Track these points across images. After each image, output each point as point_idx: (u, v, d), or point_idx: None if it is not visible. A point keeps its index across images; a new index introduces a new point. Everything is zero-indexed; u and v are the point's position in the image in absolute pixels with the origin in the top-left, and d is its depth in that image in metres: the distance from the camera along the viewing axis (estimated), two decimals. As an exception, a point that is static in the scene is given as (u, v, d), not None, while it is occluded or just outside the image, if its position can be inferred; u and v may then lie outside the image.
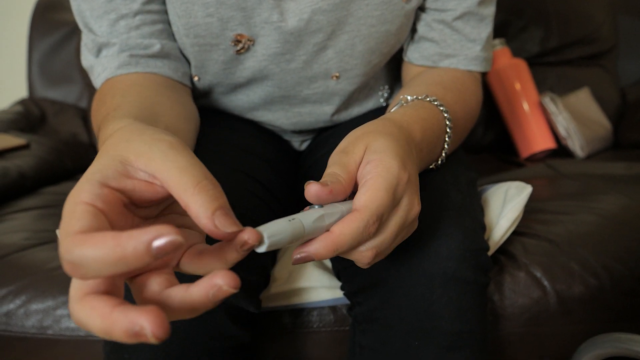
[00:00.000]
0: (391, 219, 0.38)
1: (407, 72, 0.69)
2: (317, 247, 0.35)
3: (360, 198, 0.37)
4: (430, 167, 0.55)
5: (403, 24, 0.63)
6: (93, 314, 0.26)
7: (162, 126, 0.42)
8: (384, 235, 0.38)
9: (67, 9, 1.42)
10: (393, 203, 0.38)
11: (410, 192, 0.39)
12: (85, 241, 0.26)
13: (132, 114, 0.43)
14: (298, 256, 0.35)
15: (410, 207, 0.39)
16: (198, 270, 0.32)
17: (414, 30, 0.67)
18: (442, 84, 0.59)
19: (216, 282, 0.28)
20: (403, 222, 0.39)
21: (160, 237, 0.25)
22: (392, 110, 0.52)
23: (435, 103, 0.52)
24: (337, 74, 0.65)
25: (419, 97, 0.53)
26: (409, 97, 0.53)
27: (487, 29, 0.64)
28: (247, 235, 0.30)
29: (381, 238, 0.38)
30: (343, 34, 0.61)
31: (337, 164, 0.39)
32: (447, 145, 0.54)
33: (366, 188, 0.37)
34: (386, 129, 0.43)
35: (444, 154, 0.55)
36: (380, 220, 0.37)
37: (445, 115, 0.53)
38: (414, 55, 0.67)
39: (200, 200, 0.29)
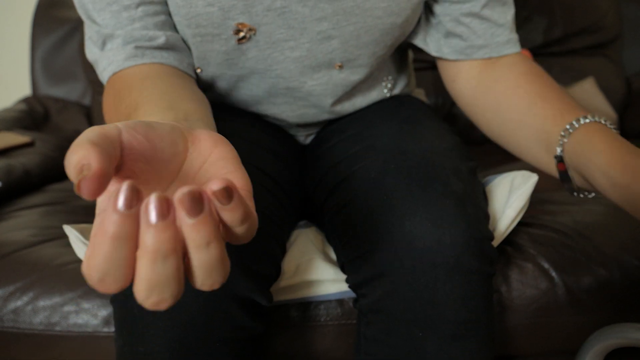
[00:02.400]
0: None
1: (445, 68, 0.70)
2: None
3: None
4: None
5: (409, 17, 0.62)
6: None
7: (181, 115, 0.41)
8: None
9: (70, 6, 1.42)
10: None
11: None
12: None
13: (153, 112, 0.42)
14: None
15: None
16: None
17: (439, 27, 0.67)
18: (556, 95, 0.60)
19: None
20: None
21: None
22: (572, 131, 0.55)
23: (596, 120, 0.54)
24: (340, 64, 0.64)
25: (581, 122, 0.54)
26: (575, 124, 0.54)
27: (510, 10, 0.65)
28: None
29: None
30: (349, 25, 0.60)
31: None
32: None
33: None
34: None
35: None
36: None
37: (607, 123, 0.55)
38: (444, 49, 0.67)
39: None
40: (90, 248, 0.25)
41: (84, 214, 0.89)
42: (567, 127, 0.54)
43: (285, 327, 0.68)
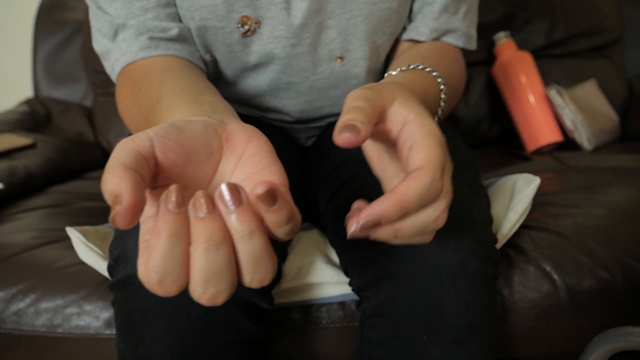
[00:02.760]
0: (446, 178, 0.35)
1: (395, 48, 0.69)
2: (382, 207, 0.32)
3: (418, 156, 0.34)
4: None
5: (403, 1, 0.62)
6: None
7: (207, 107, 0.41)
8: (447, 183, 0.35)
9: (72, 8, 1.42)
10: (447, 158, 0.35)
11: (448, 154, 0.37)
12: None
13: (179, 105, 0.42)
14: (363, 222, 0.32)
15: (451, 166, 0.36)
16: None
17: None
18: (420, 55, 0.59)
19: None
20: (450, 182, 0.36)
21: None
22: (392, 73, 0.50)
23: (428, 70, 0.51)
24: (341, 56, 0.64)
25: (412, 66, 0.51)
26: (393, 73, 0.51)
27: (466, 3, 0.64)
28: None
29: (447, 188, 0.34)
30: (344, 12, 0.60)
31: (361, 98, 0.35)
32: (440, 114, 0.53)
33: (419, 147, 0.34)
34: (402, 88, 0.40)
35: (435, 119, 0.53)
36: (444, 175, 0.34)
37: (436, 75, 0.51)
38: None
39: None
40: (146, 252, 0.27)
41: (86, 216, 0.89)
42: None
43: (287, 329, 0.68)
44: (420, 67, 0.51)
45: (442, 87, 0.51)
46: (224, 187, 0.28)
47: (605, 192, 0.82)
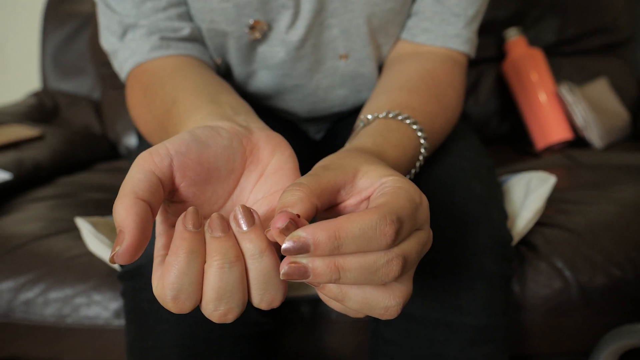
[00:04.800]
0: (413, 236, 0.30)
1: (391, 49, 0.64)
2: (315, 229, 0.26)
3: (378, 199, 0.30)
4: None
5: (406, 1, 0.60)
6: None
7: (227, 108, 0.40)
8: (410, 243, 0.29)
9: (80, 0, 1.42)
10: (414, 221, 0.30)
11: (428, 223, 0.32)
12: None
13: (196, 107, 0.41)
14: (288, 245, 0.26)
15: (429, 238, 0.32)
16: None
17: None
18: (406, 85, 0.52)
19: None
20: (422, 248, 0.31)
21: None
22: (358, 134, 0.44)
23: (400, 118, 0.45)
24: (345, 54, 0.63)
25: (381, 116, 0.46)
26: (369, 117, 0.46)
27: (473, 6, 0.58)
28: None
29: (407, 245, 0.29)
30: (346, 12, 0.59)
31: (309, 175, 0.31)
32: (420, 162, 0.48)
33: (384, 193, 0.30)
34: (373, 158, 0.36)
35: (412, 172, 0.47)
36: (400, 227, 0.28)
37: (416, 128, 0.46)
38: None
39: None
40: (161, 268, 0.29)
41: (94, 207, 0.89)
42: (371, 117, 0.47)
43: (296, 323, 0.67)
44: (400, 117, 0.46)
45: (422, 141, 0.46)
46: (238, 210, 0.29)
47: (618, 190, 0.82)
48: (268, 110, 0.72)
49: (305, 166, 0.69)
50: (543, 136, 1.20)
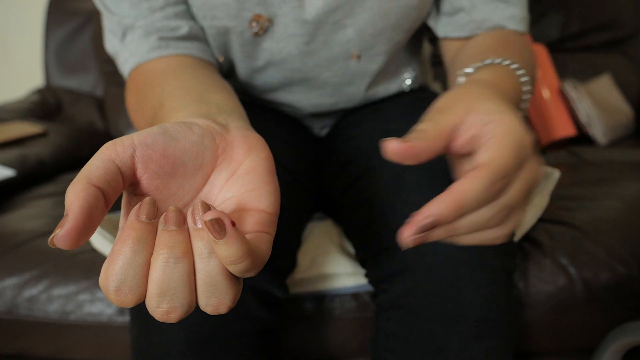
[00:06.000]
0: (517, 179, 0.32)
1: (446, 49, 0.64)
2: (438, 207, 0.30)
3: (484, 154, 0.32)
4: None
5: None
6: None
7: (213, 107, 0.39)
8: (512, 191, 0.32)
9: (83, -3, 1.42)
10: (518, 165, 0.32)
11: (533, 157, 0.34)
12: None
13: (181, 107, 0.41)
14: (421, 224, 0.30)
15: (535, 172, 0.33)
16: None
17: (445, 3, 0.63)
18: (489, 47, 0.52)
19: None
20: (528, 186, 0.33)
21: None
22: (467, 75, 0.46)
23: (506, 63, 0.46)
24: (358, 54, 0.63)
25: (488, 61, 0.46)
26: (469, 70, 0.47)
27: None
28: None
29: (510, 195, 0.32)
30: (363, 11, 0.59)
31: (429, 120, 0.33)
32: (525, 105, 0.48)
33: (489, 145, 0.32)
34: (487, 90, 0.37)
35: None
36: (506, 182, 0.31)
37: (520, 73, 0.46)
38: (448, 28, 0.62)
39: None
40: (109, 258, 0.27)
41: (98, 204, 0.89)
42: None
43: (300, 320, 0.67)
44: (497, 61, 0.46)
45: (523, 79, 0.47)
46: (197, 204, 0.27)
47: (622, 186, 0.81)
48: (272, 107, 0.72)
49: (308, 161, 0.69)
50: (547, 132, 1.20)
